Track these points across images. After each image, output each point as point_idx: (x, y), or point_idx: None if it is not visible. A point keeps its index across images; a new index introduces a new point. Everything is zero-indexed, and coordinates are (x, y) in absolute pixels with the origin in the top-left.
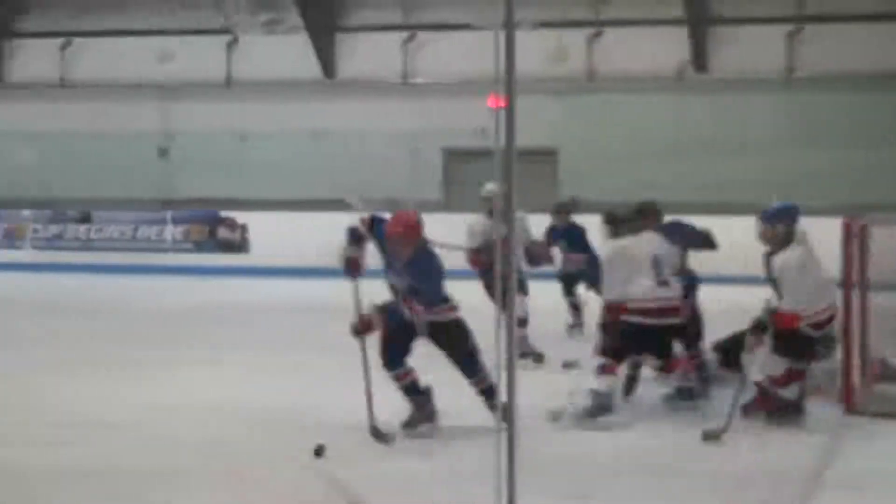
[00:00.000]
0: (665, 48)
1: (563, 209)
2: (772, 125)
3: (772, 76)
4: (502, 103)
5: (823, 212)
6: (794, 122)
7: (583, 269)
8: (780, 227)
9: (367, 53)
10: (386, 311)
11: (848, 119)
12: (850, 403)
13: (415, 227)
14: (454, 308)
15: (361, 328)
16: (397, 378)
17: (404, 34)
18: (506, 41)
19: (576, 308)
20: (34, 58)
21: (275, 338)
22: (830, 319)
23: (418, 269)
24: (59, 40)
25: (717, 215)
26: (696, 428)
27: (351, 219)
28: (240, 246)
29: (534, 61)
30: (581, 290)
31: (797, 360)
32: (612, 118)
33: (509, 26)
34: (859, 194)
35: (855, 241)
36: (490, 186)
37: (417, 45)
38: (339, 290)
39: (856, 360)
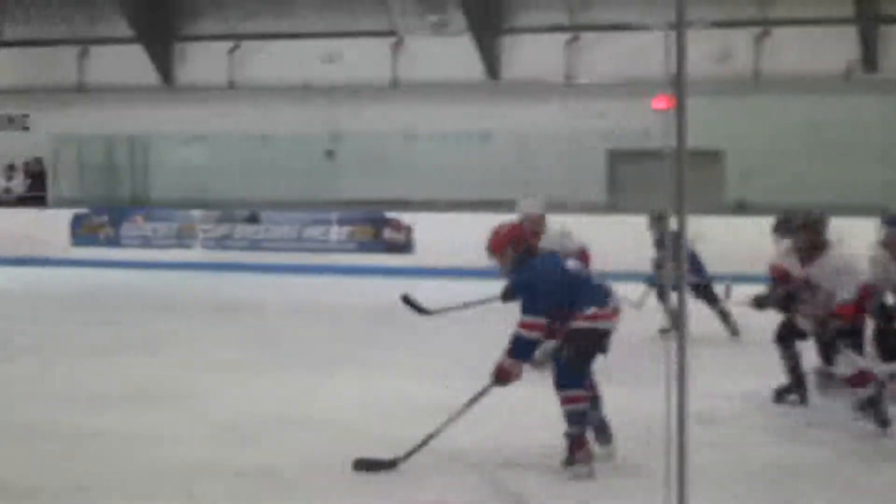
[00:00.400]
0: (833, 47)
1: (660, 217)
2: None
3: None
4: (671, 104)
5: None
6: None
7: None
8: None
9: (531, 54)
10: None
11: None
12: None
13: (497, 239)
14: (590, 317)
15: (502, 378)
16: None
17: (568, 35)
18: (677, 41)
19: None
20: (203, 60)
21: (439, 339)
22: None
23: (513, 285)
24: (228, 43)
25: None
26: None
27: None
28: (405, 246)
29: (698, 61)
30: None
31: None
32: (779, 119)
33: (680, 26)
34: None
35: None
36: (529, 201)
37: (581, 46)
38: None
39: None
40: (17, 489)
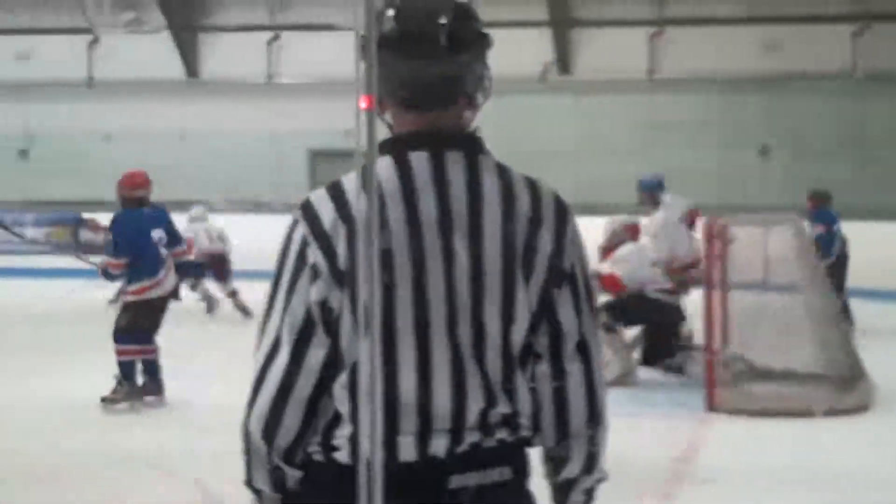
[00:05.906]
0: (529, 50)
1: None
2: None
3: None
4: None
5: None
6: None
7: None
8: None
9: (231, 53)
10: None
11: None
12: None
13: None
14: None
15: None
16: None
17: (269, 34)
18: (367, 42)
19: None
20: None
21: None
22: None
23: None
24: None
25: None
26: None
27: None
28: (103, 247)
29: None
30: None
31: None
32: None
33: (370, 26)
34: None
35: None
36: (197, 210)
37: (282, 45)
38: None
39: None
40: None
